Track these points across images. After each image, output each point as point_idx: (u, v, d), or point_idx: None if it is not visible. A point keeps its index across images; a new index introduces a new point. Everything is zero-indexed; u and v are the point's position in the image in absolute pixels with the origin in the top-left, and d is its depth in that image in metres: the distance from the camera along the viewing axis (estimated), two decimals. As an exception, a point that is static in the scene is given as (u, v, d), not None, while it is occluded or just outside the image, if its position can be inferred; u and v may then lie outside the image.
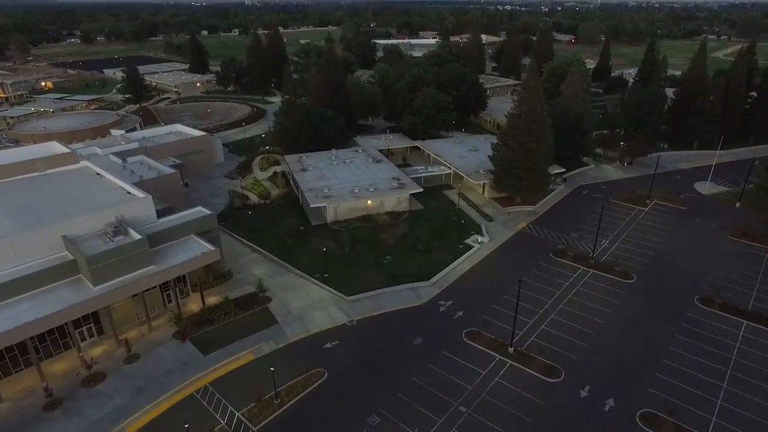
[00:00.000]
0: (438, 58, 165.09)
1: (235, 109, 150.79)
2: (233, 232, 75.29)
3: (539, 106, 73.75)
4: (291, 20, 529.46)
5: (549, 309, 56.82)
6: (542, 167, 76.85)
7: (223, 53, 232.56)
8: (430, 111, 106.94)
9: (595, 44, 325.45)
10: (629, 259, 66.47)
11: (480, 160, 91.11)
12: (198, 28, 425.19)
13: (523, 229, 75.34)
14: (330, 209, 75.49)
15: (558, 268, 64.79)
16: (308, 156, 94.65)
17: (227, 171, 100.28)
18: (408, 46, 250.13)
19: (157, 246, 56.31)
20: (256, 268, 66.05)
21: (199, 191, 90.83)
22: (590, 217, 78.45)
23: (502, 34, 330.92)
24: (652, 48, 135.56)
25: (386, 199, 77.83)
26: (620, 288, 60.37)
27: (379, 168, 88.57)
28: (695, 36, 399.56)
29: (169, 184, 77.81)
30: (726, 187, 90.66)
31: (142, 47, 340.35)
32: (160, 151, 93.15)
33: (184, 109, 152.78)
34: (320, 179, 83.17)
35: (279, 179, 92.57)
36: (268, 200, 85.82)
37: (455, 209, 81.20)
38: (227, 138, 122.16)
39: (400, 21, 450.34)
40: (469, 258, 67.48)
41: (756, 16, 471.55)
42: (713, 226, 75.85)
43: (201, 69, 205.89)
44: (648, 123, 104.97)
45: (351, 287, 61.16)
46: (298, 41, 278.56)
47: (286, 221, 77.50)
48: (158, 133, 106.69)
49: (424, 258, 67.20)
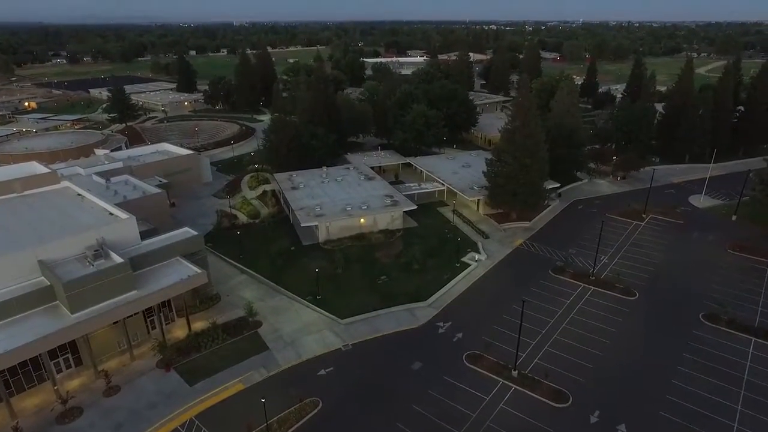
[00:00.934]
0: (427, 75, 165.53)
1: (224, 128, 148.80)
2: (221, 253, 72.58)
3: (533, 121, 72.88)
4: (279, 40, 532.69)
5: (551, 329, 54.75)
6: (538, 182, 75.64)
7: (212, 73, 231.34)
8: (421, 127, 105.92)
9: (580, 62, 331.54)
10: (630, 275, 64.92)
11: (473, 176, 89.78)
12: (186, 49, 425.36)
13: (520, 246, 73.67)
14: (322, 228, 73.23)
15: (558, 286, 62.95)
16: (298, 174, 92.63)
17: (215, 190, 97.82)
18: (396, 64, 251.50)
19: (141, 269, 53.47)
20: (246, 291, 63.29)
21: (187, 211, 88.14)
22: (587, 233, 77.22)
23: (489, 53, 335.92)
24: (639, 64, 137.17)
25: (379, 217, 75.84)
26: (623, 305, 58.62)
27: (372, 185, 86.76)
28: (676, 53, 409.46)
29: (154, 205, 75.14)
30: (720, 200, 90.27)
31: (129, 67, 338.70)
32: (145, 171, 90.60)
33: (171, 128, 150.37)
34: (311, 197, 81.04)
35: (269, 198, 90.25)
36: (258, 220, 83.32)
37: (450, 226, 79.42)
38: (215, 157, 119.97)
39: (387, 40, 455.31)
40: (467, 277, 65.43)
41: (733, 33, 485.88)
42: (711, 239, 74.89)
43: (189, 88, 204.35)
44: (639, 137, 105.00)
45: (345, 309, 58.63)
46: (286, 60, 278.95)
47: (276, 241, 74.98)
48: (144, 152, 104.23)
49: (420, 277, 64.99)
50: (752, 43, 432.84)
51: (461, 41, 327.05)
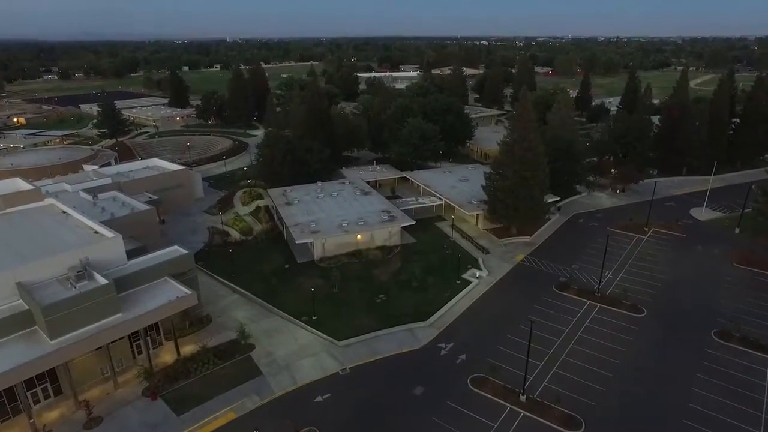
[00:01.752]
0: (421, 89, 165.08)
1: (216, 143, 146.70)
2: (213, 271, 69.84)
3: (533, 134, 71.42)
4: (272, 56, 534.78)
5: (559, 349, 52.38)
6: (538, 196, 73.91)
7: (204, 88, 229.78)
8: (417, 141, 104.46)
9: (571, 75, 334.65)
10: (636, 291, 62.89)
11: (472, 190, 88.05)
12: (179, 64, 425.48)
13: (522, 262, 71.57)
14: (317, 245, 70.77)
15: (563, 303, 60.76)
16: (293, 189, 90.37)
17: (207, 206, 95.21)
18: (390, 78, 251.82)
19: (127, 291, 50.67)
20: (238, 312, 60.52)
21: (177, 228, 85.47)
22: (589, 247, 75.41)
23: (481, 67, 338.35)
24: (634, 77, 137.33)
25: (377, 233, 73.56)
26: (631, 323, 56.45)
27: (368, 200, 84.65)
28: (665, 67, 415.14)
29: (143, 222, 72.38)
30: (721, 213, 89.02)
31: (121, 83, 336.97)
32: (134, 187, 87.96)
33: (162, 143, 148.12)
34: (306, 213, 78.69)
35: (262, 214, 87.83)
36: (251, 236, 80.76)
37: (449, 242, 77.24)
38: (207, 172, 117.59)
39: (380, 55, 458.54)
40: (468, 294, 63.08)
41: (720, 48, 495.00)
42: (716, 253, 73.26)
43: (181, 103, 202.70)
44: (637, 149, 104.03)
45: (342, 330, 55.97)
46: (280, 76, 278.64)
47: (270, 259, 72.38)
48: (134, 167, 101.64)
49: (419, 296, 62.56)
50: (738, 58, 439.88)
51: (454, 56, 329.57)
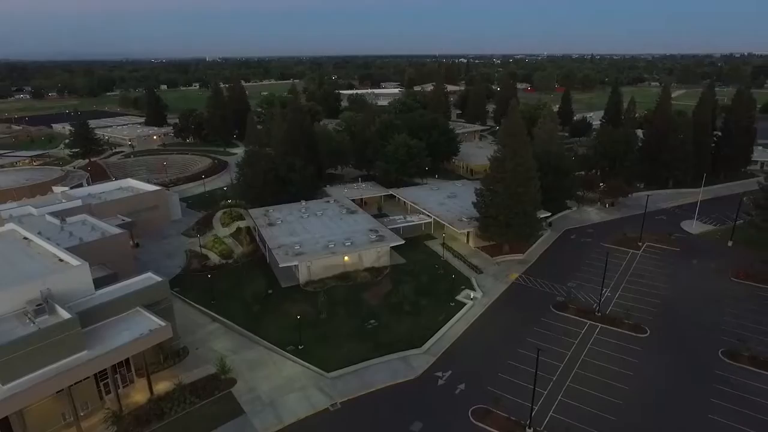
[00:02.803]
0: (403, 105, 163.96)
1: (195, 162, 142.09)
2: (190, 298, 65.35)
3: (524, 148, 69.46)
4: (252, 74, 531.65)
5: (563, 375, 49.36)
6: (531, 212, 71.68)
7: (183, 106, 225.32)
8: (404, 157, 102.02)
9: (550, 91, 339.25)
10: (636, 308, 60.55)
11: (461, 207, 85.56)
12: (157, 83, 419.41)
13: (517, 281, 68.86)
14: (302, 268, 66.88)
15: (563, 324, 57.98)
16: (275, 209, 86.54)
17: (185, 228, 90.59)
18: (372, 95, 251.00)
19: (93, 324, 46.22)
20: (218, 342, 56.14)
21: (152, 252, 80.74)
22: (584, 264, 73.27)
23: (461, 84, 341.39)
24: (617, 91, 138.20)
25: (365, 253, 70.09)
26: (635, 344, 53.87)
27: (354, 219, 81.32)
28: (639, 83, 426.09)
29: (115, 246, 67.58)
30: (712, 225, 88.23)
31: (96, 102, 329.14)
32: (106, 209, 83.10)
33: (138, 162, 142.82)
34: (290, 234, 74.89)
35: (243, 235, 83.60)
36: (231, 260, 76.38)
37: (440, 261, 74.19)
38: (185, 192, 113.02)
39: (361, 73, 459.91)
40: (464, 317, 59.87)
41: (690, 65, 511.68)
42: (712, 267, 71.74)
43: (158, 121, 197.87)
44: (624, 163, 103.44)
45: (331, 360, 52.05)
46: (260, 94, 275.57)
47: (252, 284, 68.10)
48: (106, 189, 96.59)
49: (412, 320, 59.09)
50: (708, 74, 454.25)
51: (434, 73, 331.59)
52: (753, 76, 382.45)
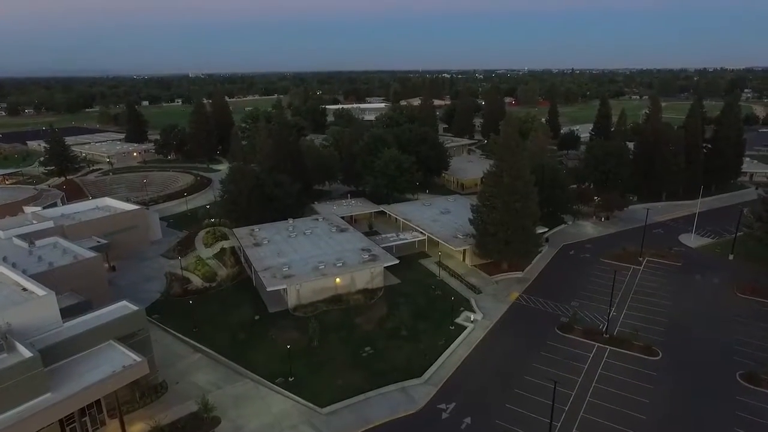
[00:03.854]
0: (391, 120, 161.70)
1: (176, 179, 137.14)
2: (170, 326, 60.69)
3: (522, 162, 66.93)
4: (236, 90, 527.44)
5: (576, 404, 45.97)
6: (530, 228, 68.91)
7: (165, 122, 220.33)
8: (393, 172, 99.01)
9: (534, 105, 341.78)
10: (644, 328, 57.66)
11: (455, 223, 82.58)
12: (138, 99, 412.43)
13: (517, 301, 65.68)
14: (291, 292, 62.72)
15: (570, 347, 54.78)
16: (261, 228, 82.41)
17: (165, 249, 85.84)
18: (358, 110, 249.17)
19: (60, 361, 41.70)
20: (200, 375, 51.64)
21: (130, 275, 75.92)
22: (586, 281, 70.60)
23: (446, 98, 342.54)
24: (606, 104, 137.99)
25: (358, 274, 66.27)
26: (648, 368, 50.85)
27: (345, 238, 77.60)
28: (620, 96, 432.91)
29: (88, 271, 62.89)
30: (710, 238, 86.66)
31: (75, 118, 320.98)
32: (80, 230, 78.20)
33: (117, 180, 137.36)
34: (277, 255, 70.79)
35: (227, 256, 79.15)
36: (215, 283, 71.84)
37: (436, 281, 70.73)
38: (166, 210, 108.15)
39: (346, 88, 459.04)
40: (465, 342, 56.32)
41: (668, 78, 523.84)
42: (716, 282, 69.64)
43: (139, 138, 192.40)
44: (618, 176, 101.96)
45: (325, 394, 47.95)
46: (244, 109, 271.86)
47: (237, 309, 63.74)
48: (81, 208, 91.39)
49: (411, 346, 55.30)
50: (684, 87, 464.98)
51: (420, 87, 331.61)
52: (728, 89, 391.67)
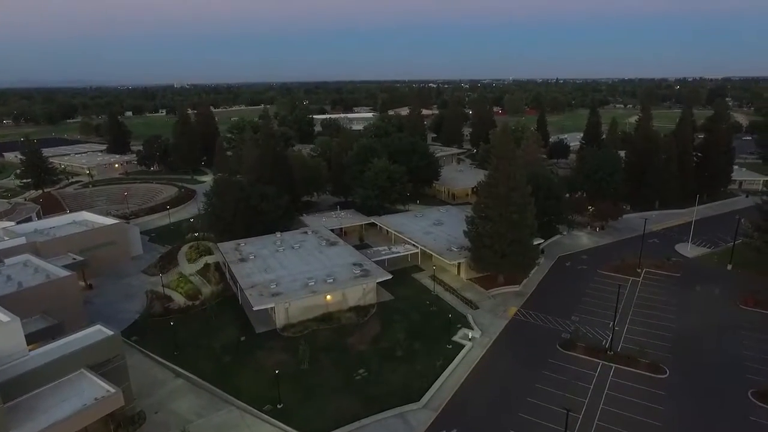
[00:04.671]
0: (379, 129, 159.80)
1: (159, 191, 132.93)
2: (150, 349, 56.95)
3: (519, 172, 64.83)
4: (222, 100, 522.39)
5: (583, 428, 43.33)
6: (528, 240, 66.65)
7: (148, 133, 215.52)
8: (384, 183, 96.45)
9: (521, 114, 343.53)
10: (648, 344, 55.38)
11: (449, 235, 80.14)
12: (121, 109, 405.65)
13: (516, 316, 63.14)
14: (280, 311, 59.37)
15: (573, 366, 52.27)
16: (247, 242, 79.02)
17: (146, 265, 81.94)
18: (346, 120, 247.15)
19: (24, 395, 38.08)
20: (181, 403, 48.06)
21: (108, 294, 71.99)
22: (585, 294, 68.47)
23: (433, 107, 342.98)
24: (595, 112, 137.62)
25: (349, 291, 63.17)
26: (656, 387, 48.52)
27: (335, 252, 74.55)
28: (604, 105, 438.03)
29: (61, 291, 59.01)
30: (707, 248, 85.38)
31: (56, 129, 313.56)
32: (55, 247, 74.23)
33: (97, 193, 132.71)
34: (264, 271, 67.44)
35: (212, 272, 75.46)
36: (198, 301, 68.13)
37: (431, 297, 67.93)
38: (148, 224, 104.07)
39: (333, 98, 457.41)
40: (463, 361, 53.50)
41: (650, 87, 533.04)
42: (717, 294, 67.98)
43: (121, 149, 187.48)
44: (611, 185, 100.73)
45: (316, 421, 44.71)
46: (230, 119, 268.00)
47: (221, 330, 60.17)
48: (57, 223, 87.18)
49: (407, 368, 52.29)
50: (666, 96, 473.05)
51: (407, 97, 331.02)
52: (709, 98, 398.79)
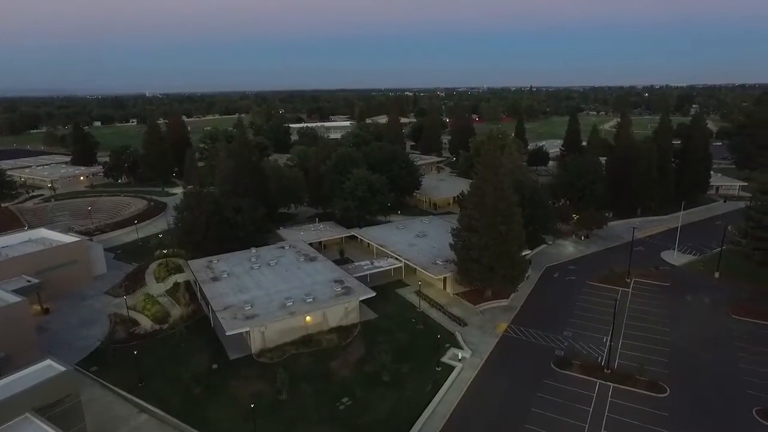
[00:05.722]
0: (357, 138, 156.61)
1: (127, 204, 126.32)
2: (112, 381, 51.79)
3: (506, 182, 62.25)
4: (195, 109, 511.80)
5: (586, 459, 40.39)
6: (516, 252, 64.00)
7: (117, 143, 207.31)
8: (364, 194, 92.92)
9: (497, 122, 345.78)
10: (645, 360, 53.05)
11: (433, 248, 77.07)
12: (89, 119, 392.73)
13: (506, 333, 60.19)
14: (255, 335, 54.90)
15: (569, 387, 49.41)
16: (220, 259, 74.21)
17: (110, 285, 76.30)
18: (323, 128, 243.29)
19: (-44, 449, 32.69)
20: (146, 443, 43.21)
21: (66, 319, 66.26)
22: (576, 307, 66.14)
23: (410, 116, 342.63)
24: (575, 120, 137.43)
25: (330, 311, 59.18)
26: (657, 408, 45.98)
27: (314, 268, 70.46)
28: (579, 112, 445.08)
29: (9, 319, 53.22)
30: (692, 255, 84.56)
31: (17, 140, 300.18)
32: (8, 269, 68.32)
33: (59, 207, 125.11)
34: (239, 291, 62.86)
35: (182, 292, 70.38)
36: (167, 325, 63.09)
37: (417, 314, 64.42)
38: (114, 240, 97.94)
39: (309, 107, 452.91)
40: (454, 385, 50.10)
41: (622, 94, 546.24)
42: (707, 303, 66.61)
43: (87, 160, 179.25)
44: (594, 192, 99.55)
45: (297, 461, 40.56)
46: (203, 129, 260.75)
47: (192, 357, 55.32)
48: (12, 242, 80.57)
49: (394, 394, 48.57)
50: (637, 103, 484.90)
51: (385, 105, 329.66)
52: (678, 105, 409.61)
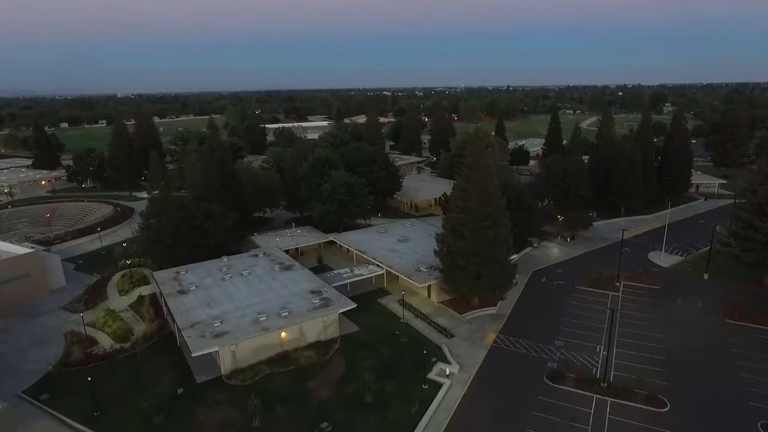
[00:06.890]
0: (335, 138, 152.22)
1: (91, 210, 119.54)
2: (64, 410, 46.52)
3: (492, 185, 58.93)
4: (168, 110, 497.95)
5: (588, 486, 37.18)
6: (504, 257, 60.77)
7: (85, 145, 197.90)
8: (343, 197, 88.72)
9: (476, 121, 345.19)
10: (641, 371, 50.35)
11: (416, 253, 73.50)
12: (56, 120, 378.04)
13: (495, 343, 56.87)
14: (225, 354, 50.18)
15: (565, 403, 46.26)
16: (189, 269, 69.04)
17: (68, 300, 70.53)
18: (300, 129, 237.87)
19: None
20: (99, 484, 38.29)
21: (16, 339, 60.57)
22: (566, 314, 63.30)
23: (389, 115, 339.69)
24: (556, 119, 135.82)
25: (307, 325, 54.84)
26: (659, 424, 43.11)
27: (290, 277, 65.98)
28: (557, 111, 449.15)
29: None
30: (679, 256, 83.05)
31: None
32: (-51, 285, 61.76)
33: (16, 214, 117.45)
34: (207, 305, 57.93)
35: (146, 307, 65.08)
36: (129, 343, 57.82)
37: (401, 325, 60.59)
38: (76, 249, 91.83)
39: (286, 107, 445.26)
40: (442, 405, 46.38)
41: (597, 94, 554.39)
42: (700, 306, 64.55)
43: (50, 164, 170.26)
44: (578, 192, 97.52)
45: (271, 500, 36.25)
46: (176, 130, 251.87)
47: (155, 380, 50.32)
48: (-43, 254, 73.90)
49: (379, 417, 44.59)
50: (612, 102, 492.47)
51: (363, 105, 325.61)
52: (652, 103, 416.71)
